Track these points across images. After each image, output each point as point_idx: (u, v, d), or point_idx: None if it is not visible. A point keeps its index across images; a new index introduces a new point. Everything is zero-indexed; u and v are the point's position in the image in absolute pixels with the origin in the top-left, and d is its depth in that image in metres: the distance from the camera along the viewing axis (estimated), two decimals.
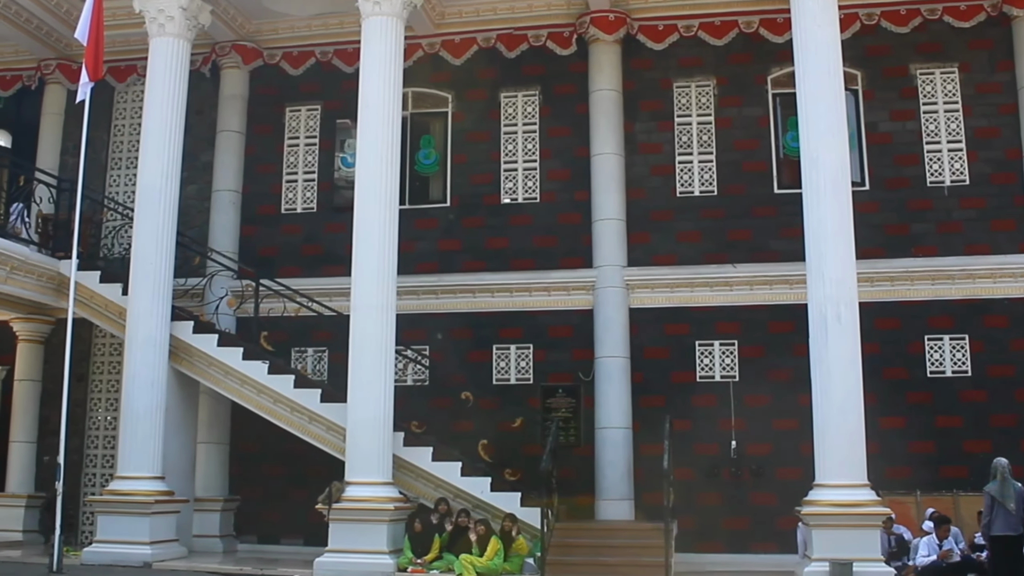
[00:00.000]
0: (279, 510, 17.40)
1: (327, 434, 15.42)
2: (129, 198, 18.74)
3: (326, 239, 17.93)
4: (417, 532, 14.49)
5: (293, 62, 19.08)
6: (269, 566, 14.94)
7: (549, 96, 18.05)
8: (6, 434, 19.07)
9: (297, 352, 17.85)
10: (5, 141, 21.49)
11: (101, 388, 19.01)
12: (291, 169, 18.83)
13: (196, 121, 18.38)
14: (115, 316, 16.56)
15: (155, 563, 14.77)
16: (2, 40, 19.82)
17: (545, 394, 16.95)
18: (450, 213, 17.98)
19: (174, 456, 16.19)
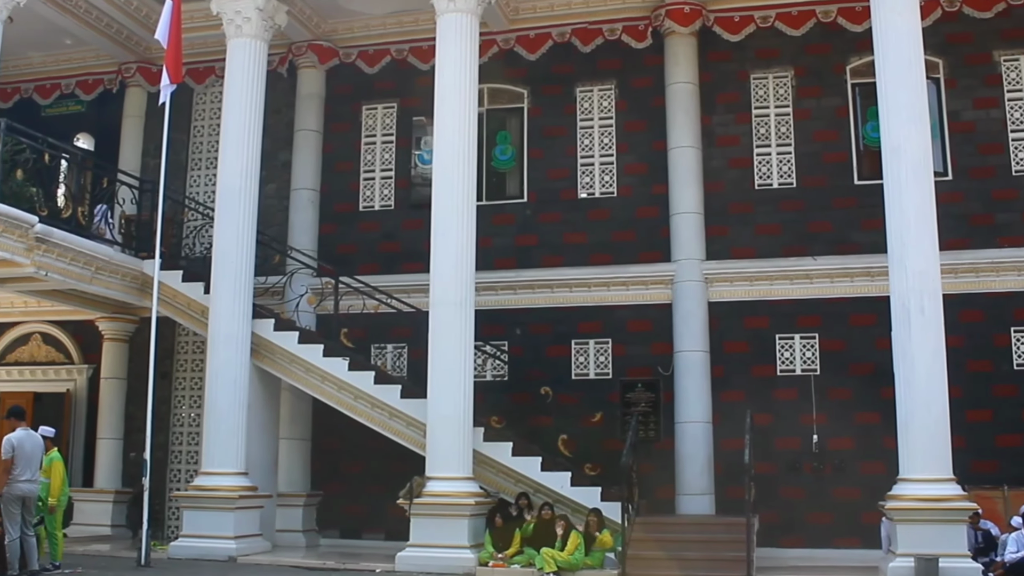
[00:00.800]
0: (361, 505, 17.56)
1: (407, 430, 15.52)
2: (209, 198, 19.05)
3: (404, 236, 18.03)
4: (498, 527, 14.52)
5: (369, 60, 19.21)
6: (351, 560, 15.09)
7: (625, 90, 17.97)
8: (94, 431, 19.51)
9: (377, 348, 18.00)
10: (88, 144, 21.91)
11: (185, 385, 19.35)
12: (368, 167, 18.97)
13: (274, 121, 18.59)
14: (197, 314, 16.82)
15: (239, 557, 15.00)
16: (84, 45, 20.22)
17: (624, 389, 16.89)
18: (527, 209, 18.00)
19: (257, 452, 16.41)
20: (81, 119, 21.46)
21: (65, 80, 21.28)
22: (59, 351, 20.48)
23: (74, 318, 19.71)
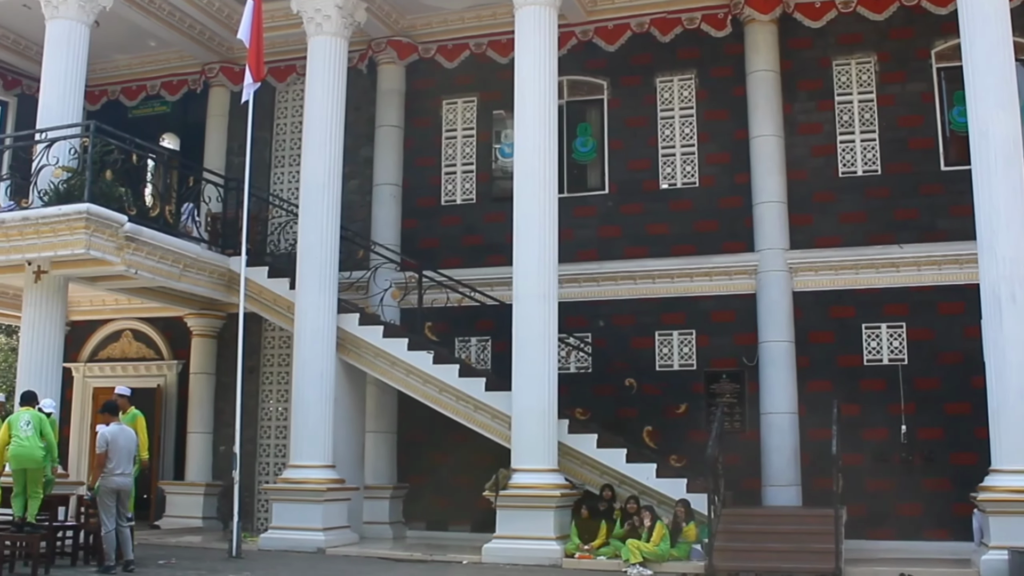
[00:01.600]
0: (446, 497, 17.70)
1: (492, 422, 15.60)
2: (293, 195, 19.30)
3: (486, 229, 18.10)
4: (584, 518, 14.56)
5: (448, 55, 19.30)
6: (438, 552, 15.18)
7: (705, 79, 17.85)
8: (184, 425, 19.91)
9: (460, 341, 18.11)
10: (174, 144, 22.33)
11: (272, 380, 19.64)
12: (449, 161, 19.08)
13: (355, 117, 18.75)
14: (283, 310, 17.06)
15: (328, 549, 15.19)
16: (168, 46, 20.60)
17: (709, 380, 16.82)
18: (609, 200, 17.96)
19: (344, 445, 16.63)
20: (166, 119, 21.89)
21: (150, 81, 21.74)
22: (149, 347, 20.94)
23: (163, 315, 20.14)
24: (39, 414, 12.57)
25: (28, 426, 12.23)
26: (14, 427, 12.26)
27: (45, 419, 12.57)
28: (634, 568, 13.35)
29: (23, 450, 12.15)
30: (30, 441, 12.19)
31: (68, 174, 15.29)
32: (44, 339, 15.77)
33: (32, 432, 12.21)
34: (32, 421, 12.31)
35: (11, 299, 19.39)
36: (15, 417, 12.49)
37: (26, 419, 12.33)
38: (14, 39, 20.56)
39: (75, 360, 20.89)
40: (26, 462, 12.17)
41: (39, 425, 12.33)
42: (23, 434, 12.17)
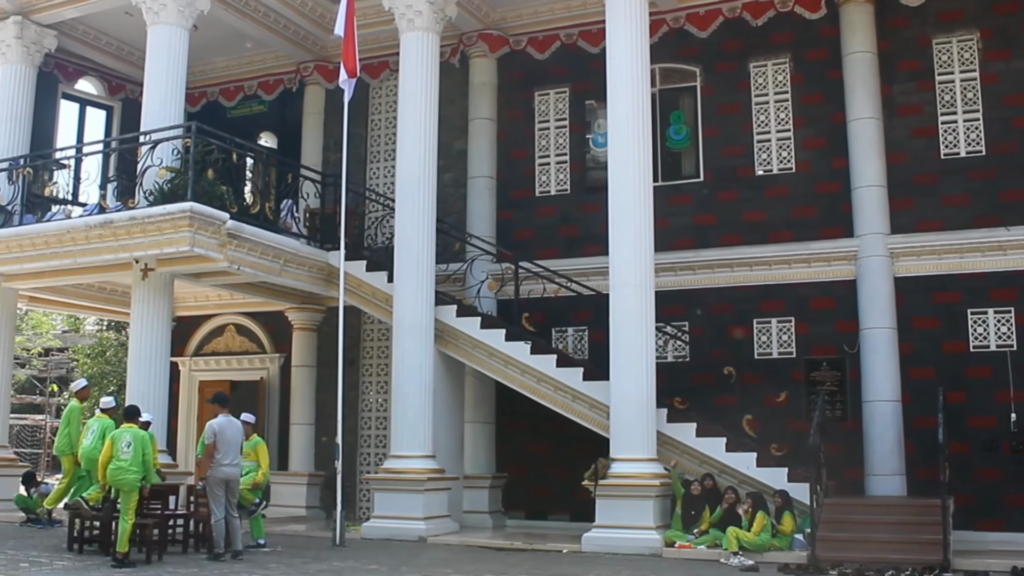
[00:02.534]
0: (545, 487, 17.76)
1: (590, 412, 15.61)
2: (389, 189, 19.54)
3: (581, 219, 18.11)
4: (684, 507, 14.49)
5: (539, 47, 19.33)
6: (538, 541, 15.24)
7: (800, 63, 17.58)
8: (287, 417, 20.32)
9: (557, 332, 18.16)
10: (271, 142, 22.78)
11: (371, 372, 19.90)
12: (543, 152, 19.12)
13: (448, 111, 18.87)
14: (382, 303, 17.28)
15: (429, 537, 15.36)
16: (264, 47, 21.02)
17: (809, 367, 16.59)
18: (704, 188, 17.82)
19: (443, 435, 16.79)
20: (264, 118, 22.37)
21: (248, 82, 22.23)
22: (252, 341, 21.39)
23: (265, 309, 20.58)
24: (140, 433, 12.74)
25: (128, 448, 12.41)
26: (116, 446, 12.49)
27: (147, 439, 12.78)
28: (735, 557, 13.25)
29: (118, 472, 12.38)
30: (126, 463, 12.37)
31: (172, 174, 15.72)
32: (152, 334, 16.27)
33: (131, 455, 12.38)
34: (133, 442, 12.48)
35: (120, 296, 20.05)
36: (118, 435, 12.66)
37: (127, 440, 12.48)
38: (117, 46, 21.19)
39: (181, 354, 21.47)
40: (121, 484, 12.42)
41: (140, 446, 12.51)
42: (122, 455, 12.37)
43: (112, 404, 13.53)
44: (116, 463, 12.31)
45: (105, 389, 33.24)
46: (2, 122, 19.33)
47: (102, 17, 19.79)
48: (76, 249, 16.24)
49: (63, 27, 19.91)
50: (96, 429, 13.04)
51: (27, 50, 19.42)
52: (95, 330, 42.55)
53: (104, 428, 13.04)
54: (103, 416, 13.27)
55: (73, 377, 40.82)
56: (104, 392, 29.64)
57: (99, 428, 13.04)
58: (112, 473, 12.33)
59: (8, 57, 19.39)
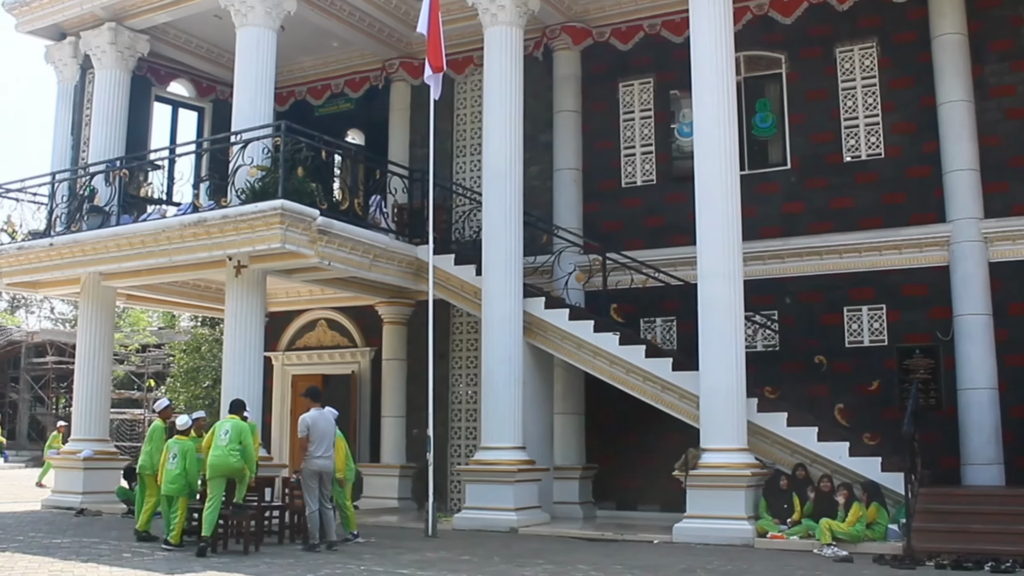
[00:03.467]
0: (635, 477, 17.79)
1: (680, 402, 15.59)
2: (476, 183, 19.67)
3: (668, 210, 18.06)
4: (776, 497, 14.41)
5: (622, 38, 19.30)
6: (628, 531, 15.28)
7: (887, 47, 17.30)
8: (378, 410, 20.61)
9: (646, 322, 18.16)
10: (359, 139, 23.09)
11: (461, 364, 20.08)
12: (628, 143, 19.09)
13: (533, 104, 18.91)
14: (470, 296, 17.42)
15: (520, 528, 15.48)
16: (350, 45, 21.31)
17: (901, 355, 16.34)
18: (791, 175, 17.66)
19: (533, 427, 16.89)
20: (351, 116, 22.69)
21: (334, 80, 22.58)
22: (343, 335, 21.74)
23: (355, 304, 20.89)
24: (240, 423, 13.05)
25: (226, 435, 12.75)
26: (216, 434, 12.85)
27: (246, 428, 13.08)
28: (828, 548, 13.13)
29: (217, 459, 12.70)
30: (223, 450, 12.68)
31: (262, 172, 16.03)
32: (246, 330, 16.63)
33: (228, 441, 12.71)
34: (231, 431, 12.82)
35: (214, 293, 20.52)
36: (219, 425, 13.08)
37: (225, 428, 12.87)
38: (207, 48, 21.63)
39: (274, 349, 21.89)
40: (221, 470, 12.71)
41: (238, 435, 12.82)
42: (220, 442, 12.72)
43: (188, 424, 13.73)
44: (216, 451, 12.63)
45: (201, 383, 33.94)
46: (98, 125, 19.92)
47: (192, 21, 20.23)
48: (171, 248, 16.66)
49: (155, 31, 20.43)
50: (177, 452, 13.28)
51: (121, 55, 19.95)
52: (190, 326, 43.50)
53: (184, 451, 13.27)
54: (181, 438, 13.46)
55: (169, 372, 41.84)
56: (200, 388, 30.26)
57: (179, 451, 13.28)
58: (213, 461, 12.64)
59: (103, 62, 19.95)
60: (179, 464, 13.04)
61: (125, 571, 10.76)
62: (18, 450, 47.30)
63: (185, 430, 13.49)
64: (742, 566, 11.83)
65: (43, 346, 50.31)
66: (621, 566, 11.74)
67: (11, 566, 10.98)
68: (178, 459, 13.07)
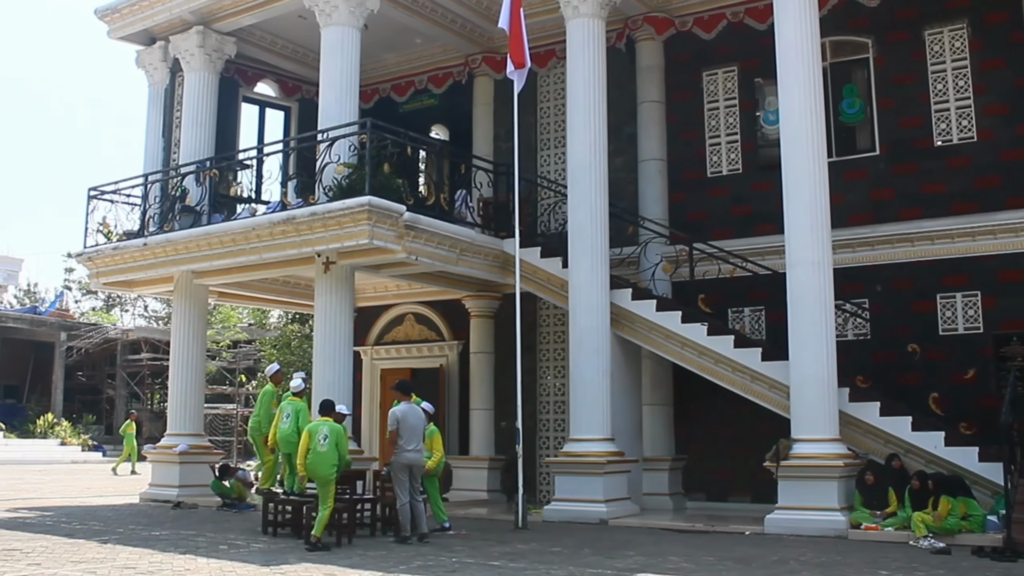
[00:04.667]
0: (725, 468, 17.71)
1: (770, 392, 15.45)
2: (560, 176, 19.69)
3: (754, 199, 17.90)
4: (870, 488, 14.21)
5: (705, 26, 19.14)
6: (719, 523, 15.21)
7: (978, 28, 16.90)
8: (466, 403, 20.74)
9: (734, 312, 18.01)
10: (443, 134, 23.24)
11: (548, 356, 20.13)
12: (713, 133, 18.96)
13: (616, 95, 18.80)
14: (557, 288, 17.46)
15: (610, 520, 15.51)
16: (433, 42, 21.45)
17: (997, 343, 15.96)
18: (880, 161, 17.36)
19: (621, 418, 16.88)
20: (435, 111, 22.86)
21: (418, 77, 22.73)
22: (431, 329, 21.92)
23: (442, 298, 21.06)
24: (336, 427, 13.12)
25: (325, 440, 12.83)
26: (313, 438, 12.91)
27: (342, 433, 13.16)
28: (925, 540, 12.91)
29: (317, 465, 12.80)
30: (325, 458, 12.77)
31: (349, 170, 16.23)
32: (335, 325, 16.85)
33: (328, 447, 12.79)
34: (330, 435, 12.89)
35: (303, 289, 20.82)
36: (314, 428, 13.07)
37: (324, 432, 12.90)
38: (292, 48, 21.93)
39: (363, 344, 22.14)
40: (319, 476, 12.83)
41: (335, 439, 12.90)
42: (320, 447, 12.79)
43: (301, 387, 14.03)
44: (314, 455, 12.79)
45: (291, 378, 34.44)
46: (188, 127, 20.34)
47: (277, 22, 20.54)
48: (261, 245, 16.96)
49: (241, 34, 20.78)
50: (290, 412, 13.61)
51: (209, 57, 20.33)
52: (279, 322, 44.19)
53: (297, 411, 13.60)
54: (294, 399, 13.84)
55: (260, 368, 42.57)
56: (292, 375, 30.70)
57: (292, 411, 13.60)
58: (311, 464, 12.81)
59: (192, 65, 20.34)
60: (291, 423, 13.30)
61: (222, 563, 10.97)
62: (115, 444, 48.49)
63: (299, 392, 13.73)
64: (836, 558, 11.70)
65: (138, 343, 51.54)
66: (713, 558, 11.69)
67: (113, 557, 11.29)
68: (291, 418, 13.34)
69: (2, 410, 44.74)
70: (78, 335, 50.51)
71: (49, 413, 46.38)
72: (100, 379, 53.22)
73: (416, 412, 13.61)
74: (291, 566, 10.85)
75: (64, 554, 11.55)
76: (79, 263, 21.87)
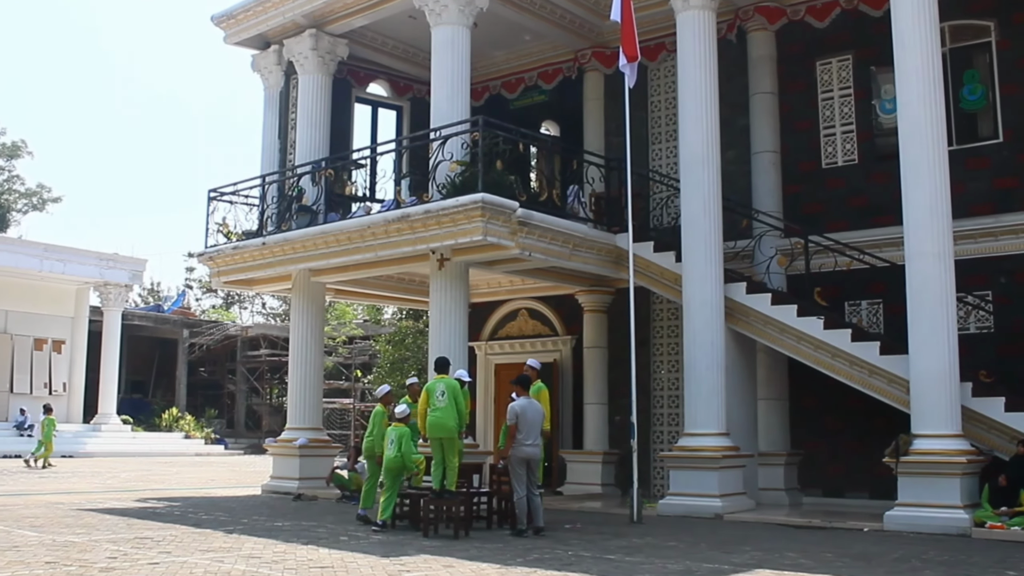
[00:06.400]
0: (842, 464, 17.44)
1: (888, 387, 15.16)
2: (672, 170, 19.59)
3: (871, 189, 17.58)
4: (1000, 486, 13.79)
5: (818, 15, 18.82)
6: (837, 519, 14.97)
7: None
8: (580, 397, 20.78)
9: (850, 306, 17.71)
10: (553, 130, 23.30)
11: (662, 351, 20.07)
12: (828, 123, 18.64)
13: (728, 87, 18.60)
14: (670, 283, 17.39)
15: (725, 515, 15.39)
16: (542, 38, 21.55)
17: None
18: (1003, 149, 16.85)
19: (736, 413, 16.77)
20: (545, 107, 22.94)
21: (527, 73, 22.86)
22: (544, 324, 22.02)
23: (555, 293, 21.14)
24: (453, 382, 13.42)
25: (443, 396, 13.12)
26: (431, 396, 13.22)
27: (459, 388, 13.42)
28: None
29: (437, 420, 13.10)
30: (444, 412, 13.08)
31: (462, 167, 16.40)
32: (450, 321, 17.04)
33: (446, 402, 13.08)
34: (447, 391, 13.18)
35: (417, 286, 21.11)
36: (432, 385, 13.42)
37: (441, 388, 13.23)
38: (403, 48, 22.24)
39: (477, 339, 22.33)
40: (440, 431, 13.09)
41: (453, 394, 13.18)
42: (438, 403, 13.08)
43: (406, 412, 14.12)
44: (434, 412, 13.01)
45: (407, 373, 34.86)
46: (303, 128, 20.78)
47: (388, 23, 20.85)
48: (376, 243, 17.23)
49: (353, 35, 21.14)
50: (394, 438, 13.72)
51: (322, 60, 20.73)
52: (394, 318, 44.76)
53: (400, 436, 13.72)
54: (398, 424, 13.87)
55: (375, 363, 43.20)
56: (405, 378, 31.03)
57: (396, 436, 13.71)
58: (431, 422, 13.03)
59: (305, 68, 20.77)
60: (395, 448, 13.51)
61: (343, 553, 11.18)
62: (236, 438, 49.84)
63: (403, 418, 13.91)
64: (960, 556, 11.44)
65: (257, 339, 52.79)
66: (831, 554, 11.53)
67: (239, 547, 11.61)
68: (395, 444, 13.53)
69: (129, 405, 46.24)
70: (200, 332, 51.98)
71: (173, 407, 47.87)
72: (221, 374, 54.68)
73: (535, 407, 13.65)
74: (410, 557, 11.01)
75: (192, 543, 11.93)
76: (200, 263, 22.52)
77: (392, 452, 13.56)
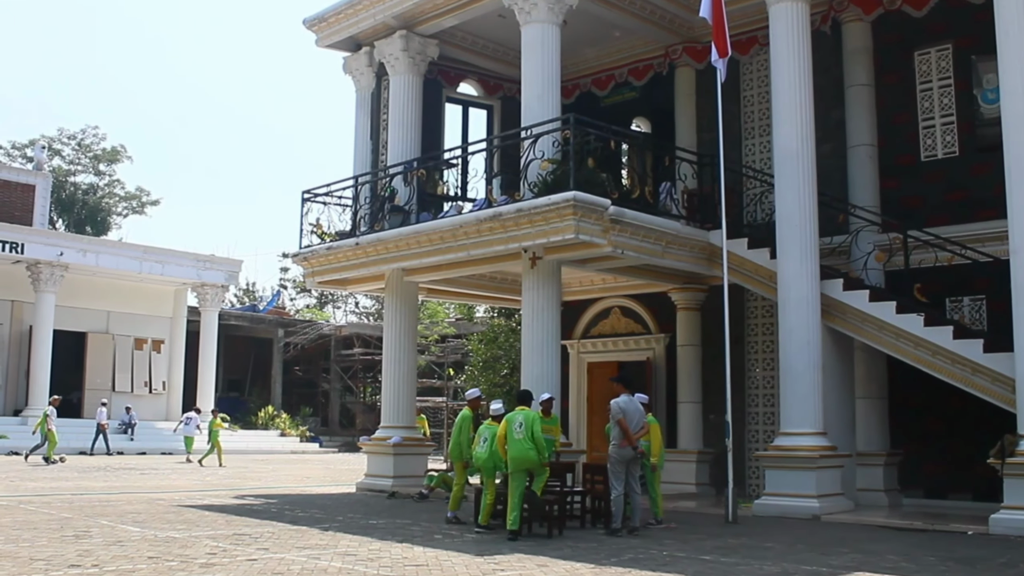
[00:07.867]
0: (944, 464, 17.04)
1: (992, 385, 14.75)
2: (766, 165, 19.33)
3: (972, 182, 17.12)
4: None
5: (915, 4, 18.39)
6: (939, 521, 14.63)
7: None
8: (673, 395, 20.67)
9: (952, 302, 17.30)
10: (644, 127, 23.16)
11: (756, 349, 19.83)
12: (926, 115, 18.21)
13: (823, 80, 18.33)
14: (765, 280, 17.16)
15: (822, 516, 15.14)
16: (632, 34, 21.44)
17: None
18: None
19: (833, 412, 16.48)
20: (636, 104, 22.81)
21: (618, 70, 22.77)
22: (637, 322, 21.93)
23: (647, 291, 21.05)
24: (530, 413, 13.22)
25: (520, 428, 12.96)
26: (510, 427, 13.09)
27: (536, 418, 13.21)
28: None
29: (516, 452, 12.93)
30: (521, 445, 12.88)
31: (553, 165, 16.37)
32: (543, 319, 17.03)
33: (523, 434, 12.90)
34: (524, 423, 13.00)
35: (509, 284, 21.13)
36: (511, 417, 13.24)
37: (519, 420, 13.05)
38: (493, 48, 22.28)
39: (569, 337, 22.30)
40: (521, 463, 12.94)
41: (530, 426, 12.97)
42: (516, 435, 12.94)
43: (502, 411, 14.12)
44: (515, 445, 12.96)
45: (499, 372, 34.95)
46: (394, 129, 20.94)
47: (477, 22, 20.89)
48: (468, 242, 17.28)
49: (442, 36, 21.24)
50: (488, 436, 13.67)
51: (412, 60, 20.86)
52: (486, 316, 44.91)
53: (494, 434, 13.66)
54: (493, 423, 13.83)
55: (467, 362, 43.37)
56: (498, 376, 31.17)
57: (489, 435, 13.65)
58: (514, 455, 12.97)
59: (396, 69, 20.92)
60: (487, 447, 13.49)
61: (437, 552, 11.24)
62: (331, 436, 50.49)
63: (499, 416, 13.89)
64: None
65: (350, 338, 53.41)
66: (934, 558, 11.26)
67: (335, 544, 11.74)
68: (488, 442, 13.52)
69: (227, 403, 47.10)
70: (294, 331, 52.73)
71: (269, 406, 48.66)
72: (315, 373, 55.41)
73: (636, 405, 13.55)
74: (504, 556, 11.02)
75: (289, 539, 12.09)
76: (295, 263, 22.82)
77: (484, 451, 13.54)
